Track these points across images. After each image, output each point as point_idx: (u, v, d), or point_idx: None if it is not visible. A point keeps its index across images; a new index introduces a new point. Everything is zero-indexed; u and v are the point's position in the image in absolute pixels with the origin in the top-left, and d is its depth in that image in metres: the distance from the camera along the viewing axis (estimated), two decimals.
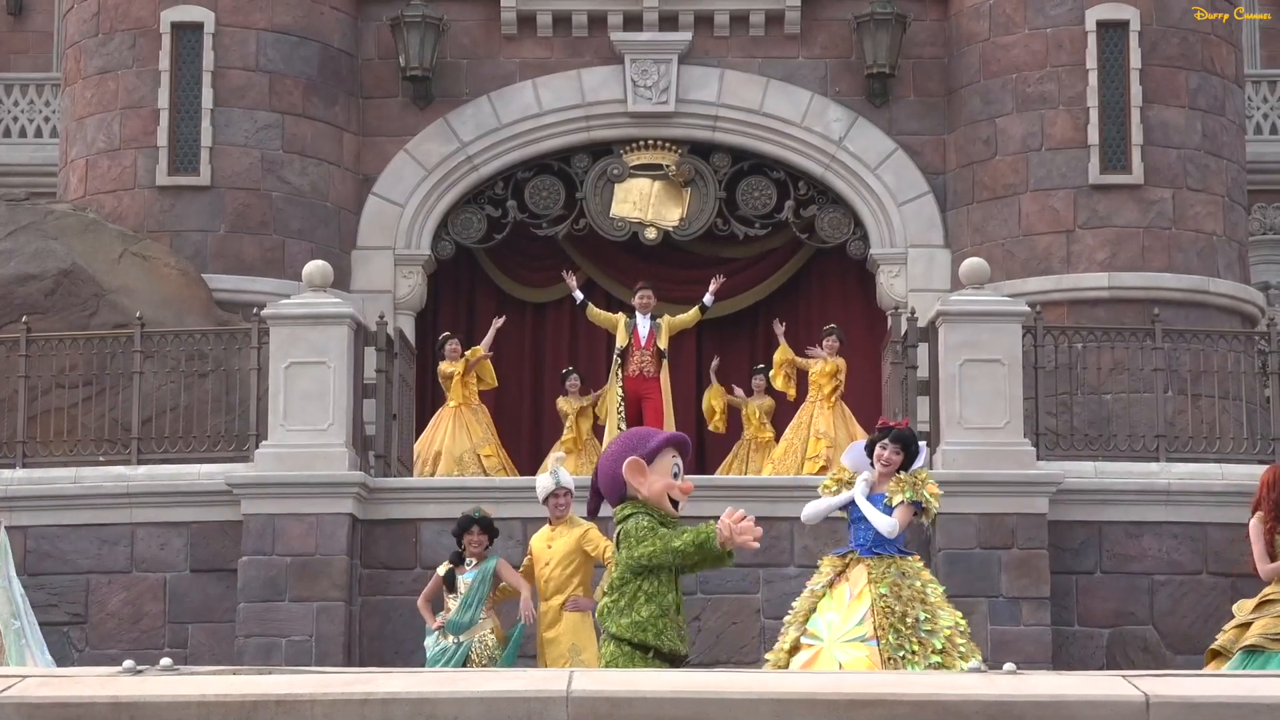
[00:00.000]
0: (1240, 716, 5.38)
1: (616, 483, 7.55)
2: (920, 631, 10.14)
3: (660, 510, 7.52)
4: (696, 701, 5.41)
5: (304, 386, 15.81)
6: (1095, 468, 16.17)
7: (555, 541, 12.45)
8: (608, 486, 7.62)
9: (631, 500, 7.51)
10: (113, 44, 19.93)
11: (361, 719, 5.38)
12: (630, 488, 7.50)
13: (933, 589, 10.45)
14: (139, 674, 5.75)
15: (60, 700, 5.45)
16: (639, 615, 7.36)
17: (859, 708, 5.39)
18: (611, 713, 5.37)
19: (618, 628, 7.40)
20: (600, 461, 7.69)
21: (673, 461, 7.57)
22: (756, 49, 20.68)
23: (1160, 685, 5.50)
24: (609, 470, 7.58)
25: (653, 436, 7.68)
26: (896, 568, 10.39)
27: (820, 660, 10.13)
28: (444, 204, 20.62)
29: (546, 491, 12.55)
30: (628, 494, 7.53)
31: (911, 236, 20.29)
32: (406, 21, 20.18)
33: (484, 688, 5.47)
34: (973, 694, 5.45)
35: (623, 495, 7.56)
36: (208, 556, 15.99)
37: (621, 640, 7.38)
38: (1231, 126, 20.12)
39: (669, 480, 7.53)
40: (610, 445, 7.69)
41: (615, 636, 7.40)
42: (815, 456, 18.34)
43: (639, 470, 7.49)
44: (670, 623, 7.42)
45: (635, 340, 18.09)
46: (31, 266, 17.97)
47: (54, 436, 16.64)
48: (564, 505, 12.51)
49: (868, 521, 10.45)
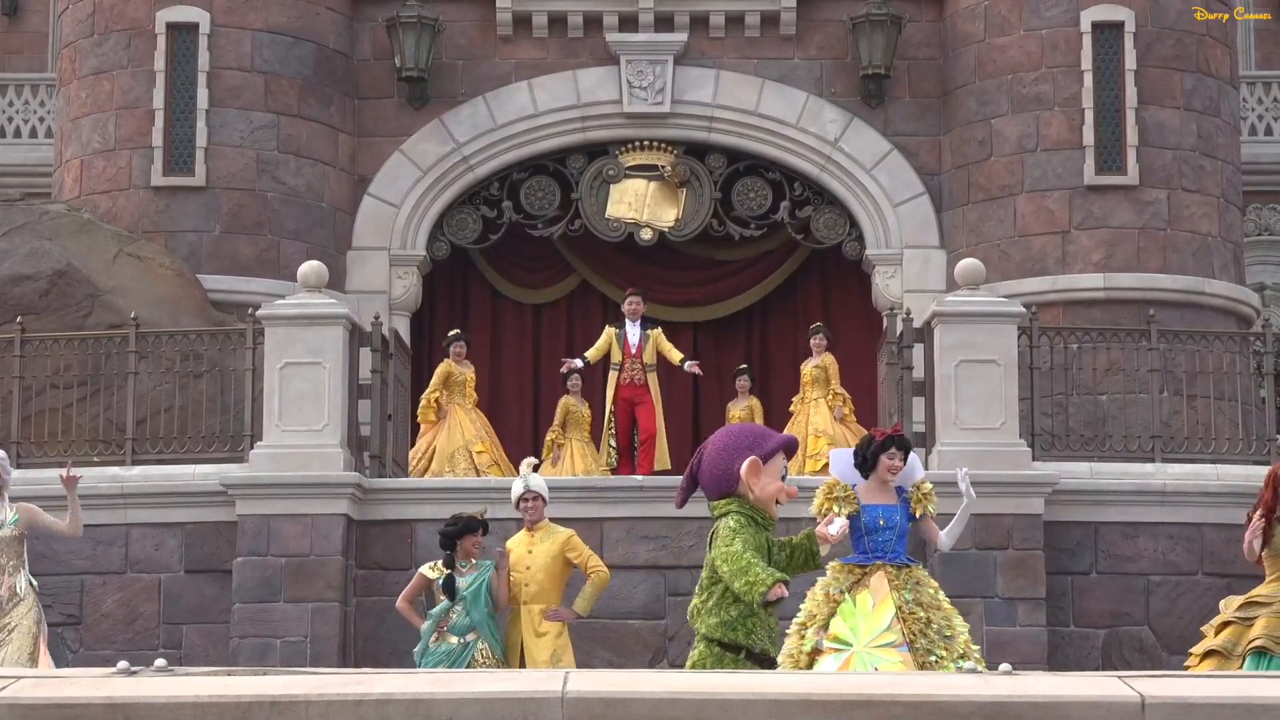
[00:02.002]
0: (1235, 717, 5.38)
1: (724, 478, 7.41)
2: (943, 636, 10.17)
3: (765, 512, 7.44)
4: (693, 702, 5.41)
5: (299, 387, 15.80)
6: (1091, 468, 16.18)
7: (536, 548, 12.40)
8: (714, 479, 7.45)
9: (736, 499, 7.39)
10: (108, 44, 19.92)
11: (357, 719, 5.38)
12: (743, 485, 7.38)
13: (942, 595, 10.48)
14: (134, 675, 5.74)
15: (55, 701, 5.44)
16: (728, 614, 7.25)
17: (855, 708, 5.38)
18: (607, 713, 5.36)
19: (707, 627, 7.29)
20: (707, 453, 7.50)
21: (782, 464, 7.51)
22: (752, 50, 20.69)
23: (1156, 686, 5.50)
24: (721, 464, 7.43)
25: (769, 437, 7.56)
26: (913, 575, 10.40)
27: (854, 664, 10.13)
28: (439, 204, 20.62)
29: (516, 496, 12.53)
30: (734, 491, 7.41)
31: (907, 237, 20.30)
32: (402, 22, 20.18)
33: (479, 688, 5.46)
34: (969, 695, 5.45)
35: (725, 491, 7.43)
36: (202, 557, 15.99)
37: (712, 640, 7.26)
38: (1227, 128, 20.13)
39: (779, 483, 7.45)
40: (718, 440, 7.51)
41: (705, 637, 7.29)
42: (816, 454, 18.35)
43: (758, 470, 7.39)
44: (759, 622, 7.31)
45: (626, 349, 18.07)
46: (26, 267, 17.96)
47: (48, 437, 16.63)
48: (534, 509, 12.47)
49: (893, 531, 10.39)
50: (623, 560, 15.59)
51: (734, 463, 7.39)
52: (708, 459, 7.48)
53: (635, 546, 15.71)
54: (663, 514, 15.71)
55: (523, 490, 12.45)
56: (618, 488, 16.25)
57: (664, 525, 15.72)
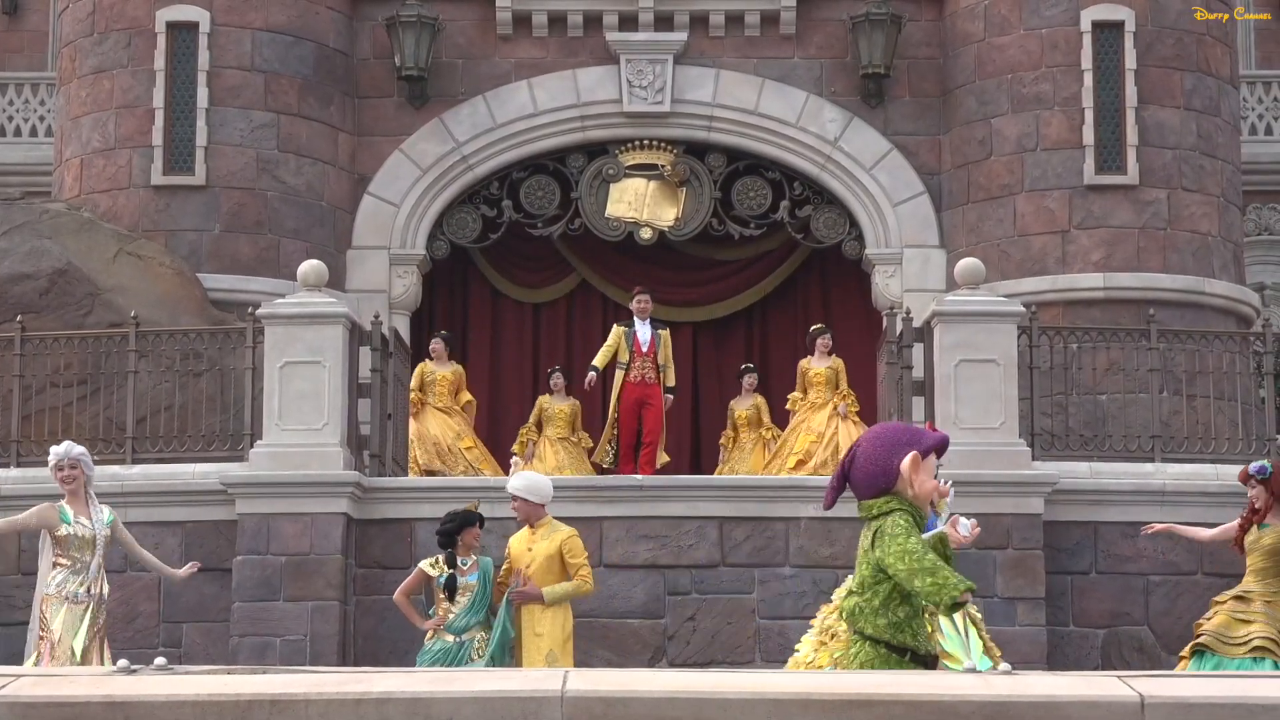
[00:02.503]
0: (1235, 717, 5.38)
1: (881, 475, 7.24)
2: None
3: (921, 510, 7.30)
4: (692, 701, 5.40)
5: (299, 386, 15.80)
6: (1090, 468, 16.18)
7: (536, 545, 12.38)
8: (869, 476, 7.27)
9: (895, 496, 7.23)
10: (108, 43, 19.92)
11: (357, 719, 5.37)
12: (902, 481, 7.21)
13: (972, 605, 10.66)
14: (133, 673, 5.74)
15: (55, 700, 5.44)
16: (896, 616, 7.13)
17: (855, 708, 5.38)
18: (606, 713, 5.36)
19: (874, 629, 7.15)
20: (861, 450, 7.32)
21: (935, 463, 7.45)
22: (752, 49, 20.69)
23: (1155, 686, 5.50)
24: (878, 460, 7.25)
25: (925, 434, 7.39)
26: None
27: None
28: (439, 204, 20.62)
29: None
30: (892, 488, 7.24)
31: (907, 237, 20.30)
32: (402, 21, 20.18)
33: (479, 687, 5.46)
34: (968, 694, 5.45)
35: (881, 488, 7.27)
36: (202, 556, 15.92)
37: (879, 641, 7.17)
38: (1227, 127, 20.13)
39: (935, 481, 7.33)
40: (872, 436, 7.34)
41: (871, 638, 7.16)
42: (796, 452, 18.35)
43: (918, 465, 7.21)
44: (923, 624, 7.22)
45: (636, 347, 18.02)
46: (26, 266, 17.97)
47: (49, 436, 16.60)
48: (519, 509, 12.47)
49: None
50: (622, 560, 15.60)
51: (893, 459, 7.21)
52: (861, 456, 7.33)
53: (634, 546, 15.71)
54: (662, 514, 15.73)
55: (510, 491, 12.47)
56: (618, 487, 16.25)
57: (663, 525, 15.72)
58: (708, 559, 15.40)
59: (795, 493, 16.15)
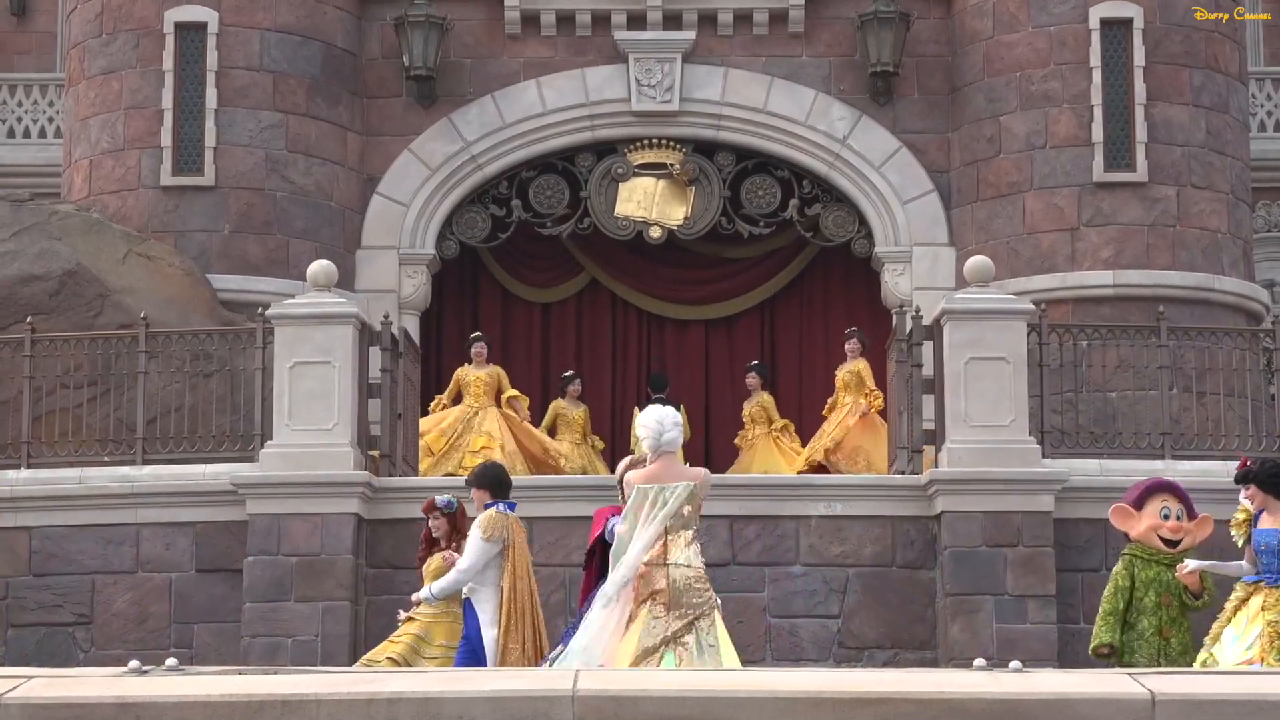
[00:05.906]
0: (1243, 714, 5.39)
1: None
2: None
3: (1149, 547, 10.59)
4: (702, 700, 5.42)
5: (309, 386, 15.82)
6: (1100, 465, 16.16)
7: None
8: None
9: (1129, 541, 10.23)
10: (116, 44, 19.94)
11: (367, 718, 5.39)
12: None
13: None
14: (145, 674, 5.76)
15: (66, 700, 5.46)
16: None
17: (863, 706, 5.39)
18: (617, 712, 5.37)
19: None
20: None
21: (1161, 505, 10.29)
22: (760, 48, 20.68)
23: (1165, 683, 5.51)
24: None
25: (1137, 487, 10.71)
26: None
27: None
28: (448, 203, 20.62)
29: None
30: None
31: (916, 235, 20.29)
32: (410, 21, 20.19)
33: (489, 687, 5.48)
34: (977, 692, 5.46)
35: None
36: (213, 556, 16.00)
37: None
38: (1235, 124, 20.11)
39: (1156, 520, 10.43)
40: None
41: None
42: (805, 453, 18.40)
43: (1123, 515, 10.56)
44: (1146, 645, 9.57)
45: None
46: (36, 267, 17.99)
47: (59, 437, 16.65)
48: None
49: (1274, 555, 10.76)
50: None
51: None
52: None
53: None
54: None
55: None
56: None
57: None
58: (718, 557, 15.38)
59: (805, 491, 16.15)
